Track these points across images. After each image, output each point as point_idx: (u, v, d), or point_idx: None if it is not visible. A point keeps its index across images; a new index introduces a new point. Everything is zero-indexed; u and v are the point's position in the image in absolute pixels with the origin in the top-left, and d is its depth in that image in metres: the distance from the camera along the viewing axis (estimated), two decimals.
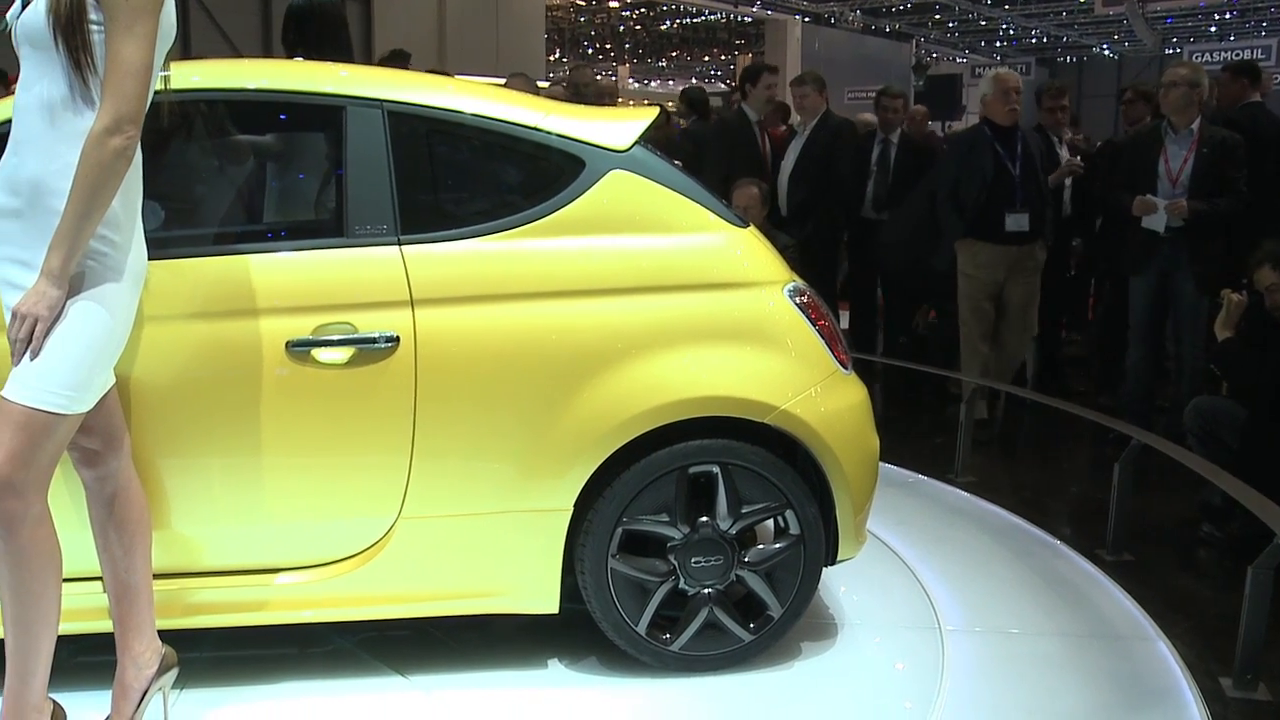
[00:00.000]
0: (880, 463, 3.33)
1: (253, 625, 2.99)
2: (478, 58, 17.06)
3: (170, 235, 2.96)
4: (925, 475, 5.27)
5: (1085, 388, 7.24)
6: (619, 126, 3.11)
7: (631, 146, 3.08)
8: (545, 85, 9.16)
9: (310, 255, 2.89)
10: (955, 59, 35.94)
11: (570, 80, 7.97)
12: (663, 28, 33.01)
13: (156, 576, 2.75)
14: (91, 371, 2.42)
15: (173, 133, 2.91)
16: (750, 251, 3.16)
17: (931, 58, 31.40)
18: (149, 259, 2.60)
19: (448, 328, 2.88)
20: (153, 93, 2.45)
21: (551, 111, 3.11)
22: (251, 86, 3.03)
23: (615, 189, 3.03)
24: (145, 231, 2.58)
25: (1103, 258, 7.08)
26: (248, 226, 3.23)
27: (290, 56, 4.11)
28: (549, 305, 2.94)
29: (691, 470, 3.05)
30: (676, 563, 3.09)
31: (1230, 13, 29.61)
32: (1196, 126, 5.56)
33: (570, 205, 3.00)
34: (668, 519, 3.06)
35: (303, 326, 2.82)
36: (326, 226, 3.04)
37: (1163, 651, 3.45)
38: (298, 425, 2.86)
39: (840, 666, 3.29)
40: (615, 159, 3.05)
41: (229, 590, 2.94)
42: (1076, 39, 35.16)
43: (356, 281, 2.88)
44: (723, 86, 8.63)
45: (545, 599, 3.05)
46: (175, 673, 2.81)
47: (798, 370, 3.09)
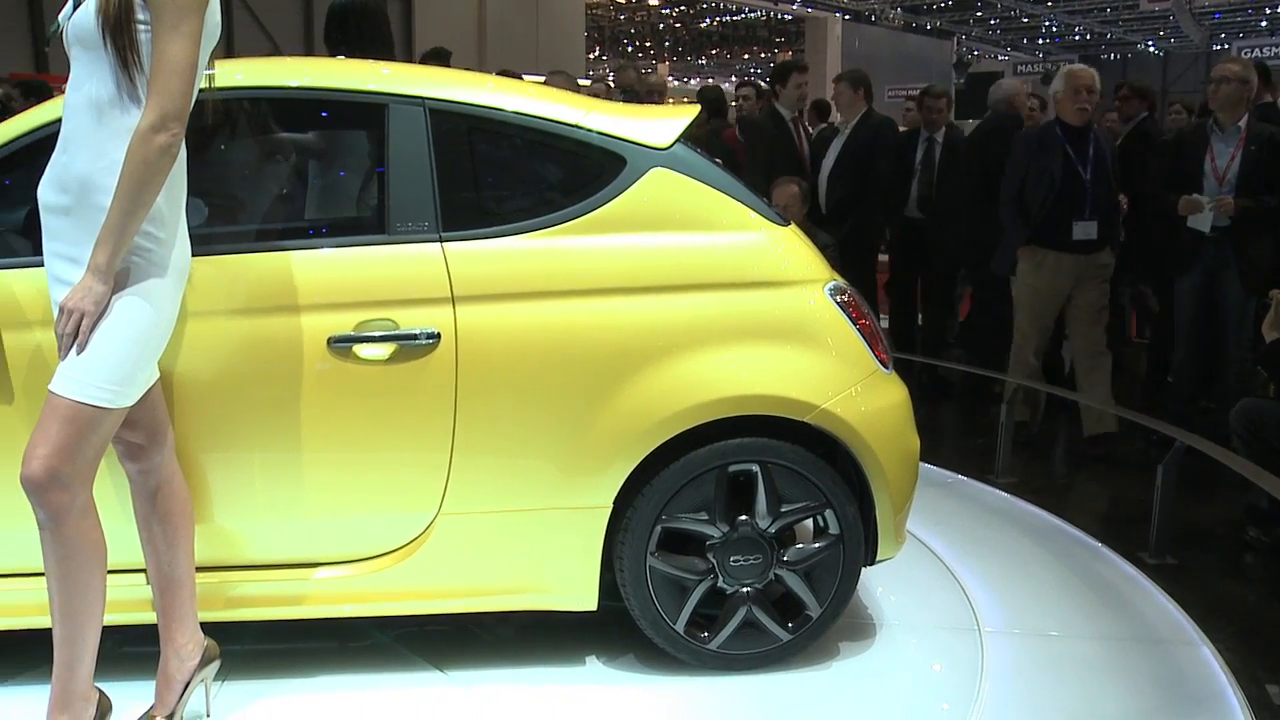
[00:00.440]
0: (920, 463, 3.31)
1: (293, 619, 3.01)
2: (518, 56, 17.13)
3: (214, 231, 2.98)
4: (965, 475, 5.23)
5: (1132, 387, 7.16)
6: (660, 124, 3.11)
7: (673, 144, 3.07)
8: (586, 84, 9.16)
9: (352, 252, 2.91)
10: (997, 57, 35.68)
11: (618, 83, 7.99)
12: (702, 25, 33.00)
13: (199, 569, 2.78)
14: (136, 366, 2.44)
15: (216, 130, 2.93)
16: (791, 250, 3.15)
17: (972, 55, 31.18)
18: (192, 255, 2.63)
19: (489, 324, 2.89)
20: (197, 91, 2.48)
21: (593, 109, 3.11)
22: (294, 84, 3.05)
23: (656, 187, 3.03)
24: (189, 228, 2.61)
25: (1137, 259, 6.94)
26: (290, 223, 3.25)
27: (333, 55, 4.14)
28: (590, 303, 2.94)
29: (731, 469, 3.04)
30: (715, 561, 3.09)
31: None
32: (1244, 124, 5.48)
33: (611, 203, 3.00)
34: (707, 517, 3.06)
35: (344, 323, 2.84)
36: (368, 223, 3.06)
37: (1206, 657, 3.40)
38: (339, 421, 2.88)
39: (878, 667, 3.27)
40: (656, 157, 3.05)
41: (270, 584, 2.96)
42: (1120, 35, 34.79)
43: (398, 278, 2.89)
44: (762, 85, 8.63)
45: (584, 596, 3.05)
46: (217, 665, 2.85)
47: (838, 369, 3.07)
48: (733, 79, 33.98)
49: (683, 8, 30.43)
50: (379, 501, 2.95)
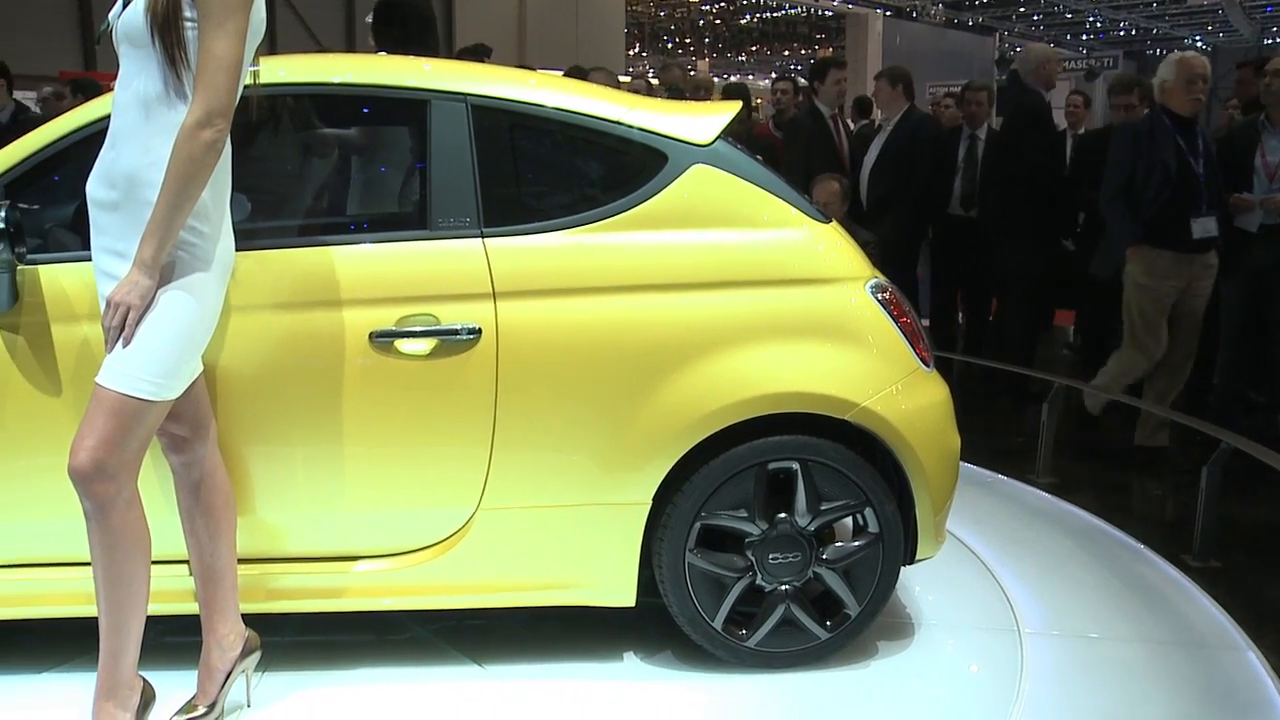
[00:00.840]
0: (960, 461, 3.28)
1: (333, 611, 3.04)
2: (557, 52, 17.17)
3: (257, 227, 3.00)
4: (1005, 475, 5.19)
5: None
6: (701, 121, 3.10)
7: (714, 141, 3.07)
8: (626, 80, 9.17)
9: (394, 247, 2.92)
10: None
11: (663, 81, 7.98)
12: (742, 22, 32.89)
13: (240, 561, 2.81)
14: (180, 359, 2.47)
15: (260, 126, 2.96)
16: (832, 247, 3.13)
17: (1015, 52, 30.90)
18: (236, 250, 2.65)
19: (529, 320, 2.90)
20: (242, 87, 2.50)
21: (634, 105, 3.11)
22: (337, 81, 3.06)
23: (698, 183, 3.02)
24: (233, 223, 2.64)
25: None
26: (332, 219, 3.28)
27: (376, 51, 4.16)
28: (631, 299, 2.94)
29: (770, 466, 3.03)
30: (754, 559, 3.08)
31: None
32: None
33: (652, 199, 3.00)
34: (746, 514, 3.05)
35: (386, 318, 2.86)
36: (410, 219, 3.08)
37: (1251, 661, 3.35)
38: (380, 415, 2.89)
39: (916, 667, 3.25)
40: (698, 153, 3.04)
41: (310, 577, 2.98)
42: (1167, 30, 34.29)
43: (439, 274, 2.90)
44: (800, 81, 8.61)
45: (622, 592, 3.05)
46: (258, 655, 2.88)
47: (879, 367, 3.06)
48: (771, 75, 33.94)
49: (723, 4, 30.36)
50: (419, 496, 2.96)
